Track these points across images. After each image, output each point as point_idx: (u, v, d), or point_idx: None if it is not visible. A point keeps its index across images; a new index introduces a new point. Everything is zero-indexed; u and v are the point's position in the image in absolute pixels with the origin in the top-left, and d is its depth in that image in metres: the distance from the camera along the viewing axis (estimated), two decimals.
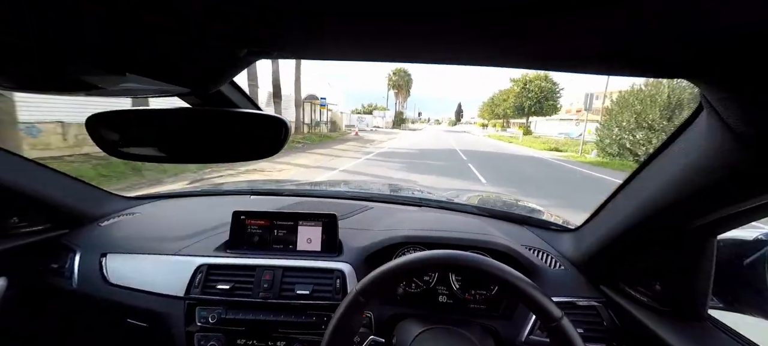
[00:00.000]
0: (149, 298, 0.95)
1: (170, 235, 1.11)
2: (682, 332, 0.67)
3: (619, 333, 0.83)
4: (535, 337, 0.86)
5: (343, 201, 1.41)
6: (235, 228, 1.05)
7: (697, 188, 0.54)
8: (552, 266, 0.99)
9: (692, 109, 0.54)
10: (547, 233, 1.17)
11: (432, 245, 0.97)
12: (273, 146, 0.64)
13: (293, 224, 1.04)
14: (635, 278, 0.82)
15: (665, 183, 0.61)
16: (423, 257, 0.59)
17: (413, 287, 0.97)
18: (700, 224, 0.62)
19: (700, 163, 0.53)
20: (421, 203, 1.39)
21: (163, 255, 1.02)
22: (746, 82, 0.38)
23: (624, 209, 0.76)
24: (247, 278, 0.94)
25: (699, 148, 0.53)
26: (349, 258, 0.99)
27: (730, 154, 0.46)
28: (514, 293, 0.56)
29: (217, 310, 0.91)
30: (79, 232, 1.14)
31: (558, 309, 0.53)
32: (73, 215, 1.16)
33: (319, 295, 0.92)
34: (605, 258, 0.86)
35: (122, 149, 0.65)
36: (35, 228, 1.09)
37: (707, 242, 0.67)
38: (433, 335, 0.75)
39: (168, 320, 0.93)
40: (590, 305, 0.87)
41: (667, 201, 0.61)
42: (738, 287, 0.72)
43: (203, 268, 0.95)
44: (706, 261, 0.68)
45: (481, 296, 0.95)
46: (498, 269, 0.57)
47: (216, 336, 0.90)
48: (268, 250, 1.02)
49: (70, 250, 1.07)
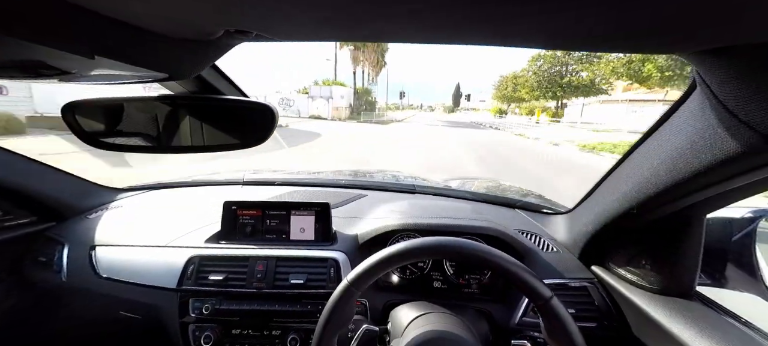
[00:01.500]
0: (142, 290, 0.94)
1: (161, 226, 1.09)
2: (671, 310, 0.69)
3: (610, 313, 0.85)
4: (528, 319, 0.87)
5: (337, 189, 1.40)
6: (227, 218, 1.03)
7: (689, 168, 0.54)
8: (544, 248, 0.99)
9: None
10: (540, 216, 1.18)
11: (426, 232, 0.97)
12: (260, 135, 0.63)
13: (286, 213, 1.03)
14: (625, 258, 0.83)
15: (656, 164, 0.61)
16: (414, 245, 0.59)
17: (408, 274, 0.97)
18: (690, 203, 0.62)
19: (693, 143, 0.52)
20: (415, 190, 1.39)
21: (154, 247, 1.00)
22: (743, 58, 0.37)
23: (615, 191, 0.76)
24: (241, 269, 0.93)
25: (692, 127, 0.52)
26: (343, 247, 0.99)
27: (723, 133, 0.46)
28: (504, 276, 0.56)
29: (210, 301, 0.90)
30: (66, 224, 1.12)
31: (547, 289, 0.54)
32: (59, 207, 1.14)
33: (314, 284, 0.91)
34: (596, 239, 0.87)
35: (102, 139, 0.62)
36: (20, 221, 1.07)
37: (697, 220, 0.68)
38: (427, 320, 0.75)
39: (161, 311, 0.93)
40: (582, 285, 0.88)
41: (658, 182, 0.61)
42: (726, 264, 0.73)
43: (195, 259, 0.94)
44: (695, 240, 0.69)
45: (475, 281, 0.96)
46: (488, 253, 0.57)
47: (210, 327, 0.90)
48: (261, 240, 1.02)
49: (57, 243, 1.05)
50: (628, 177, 0.71)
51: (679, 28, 0.34)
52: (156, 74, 0.46)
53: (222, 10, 0.32)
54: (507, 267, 0.56)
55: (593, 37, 0.38)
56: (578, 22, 0.33)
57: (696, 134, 0.51)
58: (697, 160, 0.52)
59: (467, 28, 0.36)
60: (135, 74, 0.46)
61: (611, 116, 27.57)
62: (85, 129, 0.60)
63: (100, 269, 0.99)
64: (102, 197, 1.29)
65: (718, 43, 0.37)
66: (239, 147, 0.65)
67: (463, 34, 0.38)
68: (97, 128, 0.64)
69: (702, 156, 0.51)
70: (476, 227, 0.97)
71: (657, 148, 0.62)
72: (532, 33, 0.37)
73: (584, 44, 0.40)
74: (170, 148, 0.68)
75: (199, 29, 0.38)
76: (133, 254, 1.00)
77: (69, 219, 1.14)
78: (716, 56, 0.40)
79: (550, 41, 0.40)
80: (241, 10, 0.32)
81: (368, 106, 32.40)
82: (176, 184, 1.54)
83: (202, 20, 0.35)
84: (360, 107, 30.74)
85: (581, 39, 0.38)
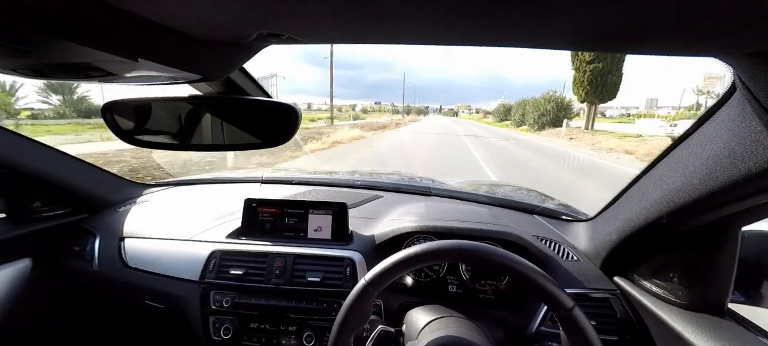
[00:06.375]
0: (166, 281, 0.99)
1: (184, 221, 1.13)
2: (701, 327, 0.65)
3: (633, 326, 0.82)
4: (546, 329, 0.85)
5: (353, 190, 1.41)
6: (247, 215, 1.06)
7: (726, 176, 0.51)
8: (564, 257, 0.97)
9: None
10: (559, 223, 1.15)
11: (442, 235, 0.97)
12: (284, 134, 0.64)
13: (303, 212, 1.05)
14: (651, 270, 0.80)
15: (691, 171, 0.58)
16: (432, 247, 0.59)
17: (423, 277, 0.97)
18: (725, 214, 0.59)
19: (731, 150, 0.50)
20: (431, 193, 1.38)
21: (178, 240, 1.05)
22: None
23: (643, 199, 0.73)
24: (260, 264, 0.96)
25: (730, 133, 0.50)
26: (359, 247, 0.99)
27: (766, 139, 0.43)
28: (524, 283, 0.55)
29: (230, 294, 0.93)
30: (98, 217, 1.18)
31: (569, 298, 0.53)
32: (92, 200, 1.20)
33: (330, 282, 0.93)
34: (620, 249, 0.84)
35: (136, 137, 0.66)
36: (56, 212, 1.14)
37: (732, 233, 0.64)
38: (443, 324, 0.75)
39: (184, 302, 0.96)
40: (603, 297, 0.86)
41: (692, 190, 0.59)
42: (762, 281, 0.69)
43: (217, 253, 0.98)
44: (729, 253, 0.66)
45: (491, 287, 0.94)
46: (507, 259, 0.56)
47: (230, 319, 0.93)
48: (280, 237, 1.04)
49: (90, 234, 1.11)
50: (658, 185, 0.69)
51: (720, 29, 0.33)
52: (190, 75, 0.48)
53: (258, 13, 0.33)
54: (527, 274, 0.55)
55: (627, 37, 0.36)
56: (610, 21, 0.32)
57: (735, 141, 0.49)
58: (735, 168, 0.50)
59: (504, 30, 0.35)
60: (170, 76, 0.48)
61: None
62: (121, 127, 0.64)
63: (129, 259, 1.04)
64: (130, 191, 1.35)
65: (762, 45, 0.36)
66: (263, 146, 0.67)
67: (497, 36, 0.38)
68: (132, 127, 0.68)
69: (740, 164, 0.48)
70: (494, 231, 0.96)
71: (691, 155, 0.59)
72: (577, 33, 0.36)
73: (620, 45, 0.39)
74: (198, 146, 0.71)
75: (234, 32, 0.39)
76: (159, 246, 1.05)
77: (100, 212, 1.21)
78: (760, 59, 0.38)
79: (586, 41, 0.39)
80: (275, 13, 0.33)
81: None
82: (198, 181, 1.59)
83: (238, 23, 0.36)
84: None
85: (619, 39, 0.37)
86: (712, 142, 0.54)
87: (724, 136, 0.51)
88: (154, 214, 1.21)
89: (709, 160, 0.54)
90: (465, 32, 0.36)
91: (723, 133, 0.52)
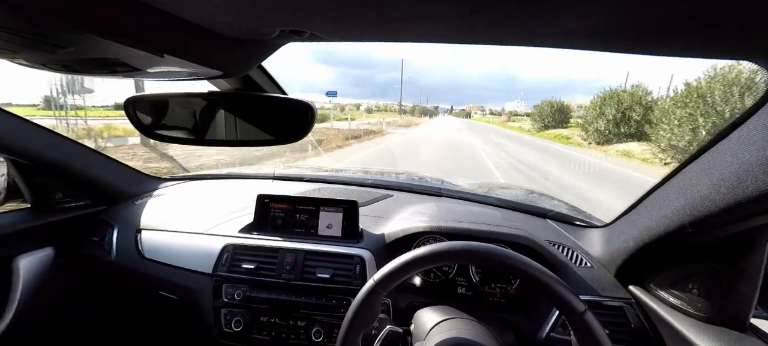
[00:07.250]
0: (180, 273, 1.01)
1: (198, 214, 1.16)
2: (720, 341, 0.63)
3: (647, 337, 0.79)
4: (557, 334, 0.84)
5: (364, 189, 1.41)
6: (260, 211, 1.08)
7: (757, 186, 0.49)
8: (577, 263, 0.95)
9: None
10: (573, 229, 1.13)
11: (452, 236, 0.96)
12: (299, 131, 0.65)
13: (315, 209, 1.06)
14: (669, 280, 0.78)
15: (718, 180, 0.56)
16: (443, 248, 0.58)
17: (432, 277, 0.97)
18: (753, 226, 0.57)
19: (764, 158, 0.48)
20: (442, 193, 1.37)
21: (192, 233, 1.07)
22: None
23: (665, 207, 0.71)
24: (271, 259, 0.97)
25: (764, 141, 0.48)
26: (369, 245, 1.00)
27: None
28: (535, 286, 0.54)
29: (242, 288, 0.95)
30: (116, 209, 1.22)
31: (582, 303, 0.52)
32: (111, 192, 1.24)
33: (340, 279, 0.93)
34: (637, 257, 0.82)
35: (156, 131, 0.67)
36: (77, 203, 1.17)
37: (759, 245, 0.62)
38: (452, 325, 0.75)
39: (197, 294, 0.99)
40: (617, 305, 0.84)
41: (719, 199, 0.56)
42: None
43: (229, 247, 0.99)
44: (754, 266, 0.63)
45: (502, 290, 0.93)
46: (518, 261, 0.55)
47: (241, 312, 0.94)
48: (291, 233, 1.05)
49: (108, 225, 1.14)
50: (681, 193, 0.66)
51: (755, 31, 0.31)
52: (210, 71, 0.49)
53: (284, 10, 0.33)
54: (538, 276, 0.54)
55: (650, 37, 0.35)
56: (633, 21, 0.31)
57: (766, 150, 0.47)
58: (765, 178, 0.48)
59: (525, 28, 0.35)
60: (192, 72, 0.49)
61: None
62: (142, 122, 0.65)
63: (145, 250, 1.07)
64: (146, 185, 1.39)
65: None
66: (278, 143, 0.68)
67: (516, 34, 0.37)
68: (151, 121, 0.69)
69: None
70: (505, 234, 0.94)
71: (718, 163, 0.57)
72: (598, 33, 0.35)
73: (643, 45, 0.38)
74: (214, 142, 0.72)
75: (257, 29, 0.40)
76: (174, 238, 1.07)
77: (118, 204, 1.24)
78: None
79: (609, 41, 0.38)
80: (299, 11, 0.34)
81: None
82: (211, 176, 1.62)
83: (261, 20, 0.36)
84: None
85: (643, 40, 0.36)
86: (743, 150, 0.52)
87: (757, 144, 0.49)
88: (170, 207, 1.24)
89: (739, 168, 0.52)
90: (489, 30, 0.36)
91: (756, 141, 0.50)
